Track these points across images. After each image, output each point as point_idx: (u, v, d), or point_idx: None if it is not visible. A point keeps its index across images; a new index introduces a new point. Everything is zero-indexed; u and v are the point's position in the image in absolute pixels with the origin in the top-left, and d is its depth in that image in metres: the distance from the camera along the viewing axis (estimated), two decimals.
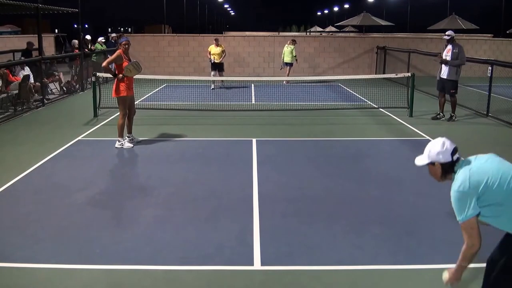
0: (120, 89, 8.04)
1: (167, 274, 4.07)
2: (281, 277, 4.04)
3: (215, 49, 15.86)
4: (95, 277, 4.02)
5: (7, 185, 6.22)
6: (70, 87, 14.94)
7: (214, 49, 15.87)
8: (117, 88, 8.06)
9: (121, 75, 7.97)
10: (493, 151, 3.25)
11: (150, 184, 6.46)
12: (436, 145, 3.02)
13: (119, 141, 8.20)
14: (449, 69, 10.35)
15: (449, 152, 2.98)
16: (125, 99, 8.15)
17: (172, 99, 13.10)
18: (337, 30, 47.80)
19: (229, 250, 4.47)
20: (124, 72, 7.95)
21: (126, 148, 8.15)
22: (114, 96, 8.18)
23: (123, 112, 8.16)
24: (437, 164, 3.02)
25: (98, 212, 5.40)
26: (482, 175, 2.87)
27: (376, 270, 4.12)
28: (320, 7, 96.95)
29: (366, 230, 4.90)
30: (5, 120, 10.52)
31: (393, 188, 6.25)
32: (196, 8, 58.32)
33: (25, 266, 4.16)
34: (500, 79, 11.45)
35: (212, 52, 15.85)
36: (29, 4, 12.79)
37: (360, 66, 20.85)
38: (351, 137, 9.20)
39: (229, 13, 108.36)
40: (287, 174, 6.79)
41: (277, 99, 12.99)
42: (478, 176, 2.87)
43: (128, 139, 8.33)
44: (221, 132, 9.56)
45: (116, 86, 8.07)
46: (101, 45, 18.19)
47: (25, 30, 32.85)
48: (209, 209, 5.46)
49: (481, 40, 23.04)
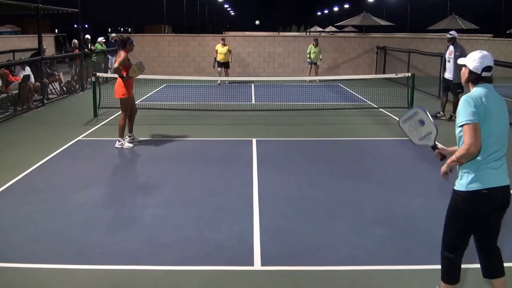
0: (124, 90, 8.07)
1: (167, 274, 4.07)
2: (281, 277, 4.04)
3: (221, 49, 16.98)
4: (95, 277, 4.02)
5: (7, 185, 6.22)
6: (70, 87, 14.94)
7: (221, 48, 16.98)
8: (121, 89, 8.07)
9: (126, 76, 8.00)
10: None
11: (150, 184, 6.46)
12: (476, 54, 3.27)
13: (119, 141, 8.20)
14: (454, 70, 10.31)
15: (481, 66, 3.21)
16: (129, 100, 8.19)
17: (172, 99, 13.09)
18: (337, 30, 47.80)
19: (229, 250, 4.46)
20: (129, 72, 7.98)
21: (126, 148, 8.15)
22: (118, 97, 8.17)
23: (125, 113, 8.18)
24: (467, 68, 3.27)
25: (98, 212, 5.40)
26: (490, 105, 3.11)
27: (376, 270, 4.12)
28: (320, 7, 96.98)
29: (366, 230, 4.90)
30: (5, 120, 10.52)
31: (393, 188, 6.25)
32: (196, 8, 58.32)
33: (25, 266, 4.16)
34: (501, 79, 11.44)
35: (219, 51, 16.90)
36: (29, 4, 12.79)
37: (360, 66, 20.85)
38: (351, 137, 9.20)
39: (229, 13, 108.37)
40: (287, 174, 6.79)
41: (277, 99, 12.99)
42: (487, 103, 3.11)
43: (128, 138, 8.33)
44: (221, 132, 9.56)
45: (120, 87, 8.08)
46: (101, 45, 18.20)
47: (25, 30, 32.81)
48: (209, 209, 5.46)
49: (481, 40, 23.05)
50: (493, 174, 3.14)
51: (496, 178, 3.15)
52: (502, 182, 3.17)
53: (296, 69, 20.15)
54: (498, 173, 3.16)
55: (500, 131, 3.16)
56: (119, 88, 8.08)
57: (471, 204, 3.16)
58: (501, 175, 3.18)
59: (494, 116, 3.12)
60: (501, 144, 3.17)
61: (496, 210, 3.22)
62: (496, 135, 3.13)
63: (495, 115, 3.13)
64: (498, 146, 3.15)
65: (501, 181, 3.17)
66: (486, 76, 3.24)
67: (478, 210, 3.18)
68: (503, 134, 3.19)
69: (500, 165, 3.17)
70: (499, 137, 3.15)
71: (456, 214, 3.25)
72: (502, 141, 3.17)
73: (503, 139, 3.18)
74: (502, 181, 3.17)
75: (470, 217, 3.21)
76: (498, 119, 3.15)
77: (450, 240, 3.32)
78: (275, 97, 13.44)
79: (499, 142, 3.16)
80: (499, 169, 3.17)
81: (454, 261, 3.32)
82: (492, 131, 3.11)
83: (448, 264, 3.35)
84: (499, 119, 3.16)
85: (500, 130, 3.16)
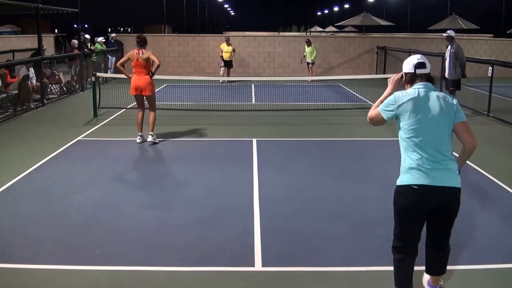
0: (154, 86, 8.45)
1: (168, 275, 4.06)
2: (282, 278, 4.03)
3: (226, 48, 17.83)
4: (95, 277, 4.01)
5: (7, 185, 6.21)
6: (70, 87, 14.93)
7: (226, 47, 17.82)
8: (152, 86, 8.40)
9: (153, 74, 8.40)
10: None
11: (150, 184, 6.45)
12: (408, 58, 3.43)
13: (152, 135, 8.45)
14: (449, 67, 10.45)
15: (413, 63, 3.33)
16: (155, 95, 8.63)
17: (172, 99, 13.08)
18: (337, 30, 47.80)
19: (229, 250, 4.46)
20: (154, 70, 8.33)
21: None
22: (151, 94, 8.38)
23: (155, 106, 8.57)
24: (403, 73, 3.41)
25: (98, 212, 5.39)
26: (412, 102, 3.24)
27: (378, 271, 4.11)
28: (320, 7, 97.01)
29: (367, 231, 4.89)
30: (5, 120, 10.51)
31: (393, 188, 6.20)
32: (196, 8, 58.31)
33: (25, 267, 4.15)
34: (501, 79, 11.45)
35: (224, 50, 17.77)
36: (29, 4, 12.77)
37: (360, 66, 20.83)
38: (352, 137, 9.19)
39: (229, 13, 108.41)
40: (287, 174, 6.78)
41: (277, 99, 12.98)
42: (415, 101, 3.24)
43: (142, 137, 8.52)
44: (221, 132, 9.55)
45: (151, 85, 8.37)
46: (101, 45, 18.18)
47: (24, 30, 32.82)
48: (209, 210, 5.45)
49: (481, 40, 23.03)
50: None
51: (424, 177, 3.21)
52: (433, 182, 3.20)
53: (296, 69, 20.13)
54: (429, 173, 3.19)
55: (430, 132, 3.19)
56: (151, 85, 8.36)
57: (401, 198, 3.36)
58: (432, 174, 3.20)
59: (417, 123, 3.20)
60: (433, 146, 3.19)
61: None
62: (427, 136, 3.19)
63: (425, 114, 3.19)
64: (428, 149, 3.19)
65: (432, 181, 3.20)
66: (422, 73, 3.30)
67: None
68: (436, 137, 3.20)
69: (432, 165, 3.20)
70: (431, 139, 3.19)
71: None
72: (432, 144, 3.19)
73: (434, 142, 3.19)
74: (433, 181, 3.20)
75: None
76: (429, 119, 3.20)
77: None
78: (275, 97, 13.43)
79: (431, 144, 3.19)
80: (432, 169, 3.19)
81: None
82: (415, 136, 3.21)
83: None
84: (429, 120, 3.20)
85: (431, 131, 3.19)
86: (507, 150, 8.09)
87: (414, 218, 3.32)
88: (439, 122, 3.21)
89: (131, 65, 8.35)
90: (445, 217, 3.34)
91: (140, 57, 8.20)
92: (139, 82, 8.28)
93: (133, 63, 8.27)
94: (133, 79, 8.35)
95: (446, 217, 3.34)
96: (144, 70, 8.25)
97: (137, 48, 8.28)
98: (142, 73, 8.26)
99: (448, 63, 10.49)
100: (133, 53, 8.30)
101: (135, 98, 8.56)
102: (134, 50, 8.32)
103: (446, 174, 3.20)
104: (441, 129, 3.21)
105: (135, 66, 8.27)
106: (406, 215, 3.33)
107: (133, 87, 8.35)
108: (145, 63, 8.22)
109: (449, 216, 3.34)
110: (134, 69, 8.31)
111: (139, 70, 8.26)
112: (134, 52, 8.31)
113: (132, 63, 8.31)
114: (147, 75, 8.26)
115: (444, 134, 3.22)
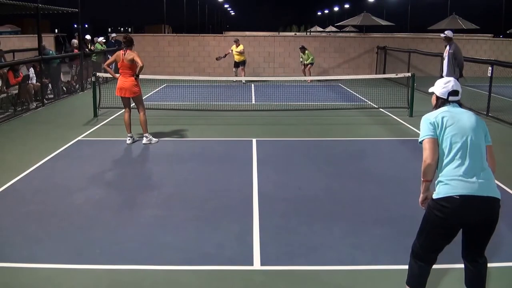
0: (139, 88, 8.37)
1: (167, 274, 4.07)
2: (281, 277, 4.04)
3: (236, 49, 17.94)
4: (95, 277, 4.02)
5: (7, 185, 6.22)
6: (70, 87, 14.94)
7: (235, 48, 17.93)
8: (137, 88, 8.31)
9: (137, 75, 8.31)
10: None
11: (150, 184, 6.47)
12: (442, 80, 3.42)
13: (146, 137, 8.42)
14: (447, 67, 10.47)
15: (447, 91, 3.34)
16: (141, 96, 8.56)
17: (172, 99, 13.10)
18: (337, 30, 47.79)
19: (229, 250, 4.47)
20: (137, 71, 8.25)
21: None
22: (135, 95, 8.33)
23: (144, 107, 8.52)
24: (435, 95, 3.42)
25: (98, 212, 5.40)
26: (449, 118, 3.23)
27: (376, 270, 4.12)
28: (320, 7, 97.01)
29: (366, 230, 4.90)
30: (5, 120, 10.52)
31: (393, 188, 6.24)
32: (196, 8, 58.33)
33: (25, 266, 4.16)
34: (501, 79, 11.45)
35: (234, 51, 17.92)
36: (29, 4, 12.78)
37: (360, 66, 20.84)
38: (351, 137, 9.20)
39: (229, 13, 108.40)
40: (287, 174, 6.79)
41: (277, 99, 12.99)
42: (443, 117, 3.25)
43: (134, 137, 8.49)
44: (221, 132, 9.56)
45: (135, 86, 8.28)
46: (101, 45, 18.19)
47: (25, 30, 32.83)
48: (209, 209, 5.46)
49: (481, 40, 23.04)
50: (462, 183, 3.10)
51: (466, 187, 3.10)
52: (476, 192, 3.09)
53: (296, 69, 20.13)
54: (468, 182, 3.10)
55: (470, 141, 3.16)
56: (135, 87, 8.28)
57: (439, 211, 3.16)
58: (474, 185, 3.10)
59: (455, 131, 3.18)
60: (472, 156, 3.14)
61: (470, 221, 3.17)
62: (462, 148, 3.15)
63: (457, 129, 3.18)
64: (467, 159, 3.14)
65: (476, 190, 3.10)
66: (453, 101, 3.33)
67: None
68: (471, 147, 3.16)
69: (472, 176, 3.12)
70: (471, 148, 3.15)
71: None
72: (471, 154, 3.14)
73: (472, 151, 3.15)
74: (476, 190, 3.10)
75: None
76: (467, 128, 3.18)
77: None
78: (275, 97, 13.44)
79: (471, 153, 3.15)
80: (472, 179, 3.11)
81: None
82: (454, 145, 3.16)
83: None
84: (468, 129, 3.18)
85: (470, 140, 3.16)
86: (506, 150, 8.10)
87: (448, 231, 3.22)
88: (477, 133, 3.19)
89: (118, 66, 8.36)
90: (484, 230, 3.23)
91: (125, 58, 8.17)
92: (124, 84, 8.27)
93: (119, 64, 8.25)
94: (119, 80, 8.36)
95: (485, 230, 3.23)
96: (129, 71, 8.20)
97: (123, 49, 8.28)
98: (127, 74, 8.22)
99: (446, 63, 10.50)
100: (119, 54, 8.30)
101: (121, 99, 8.54)
102: (121, 51, 8.33)
103: (487, 184, 3.13)
104: (478, 139, 3.19)
105: (120, 67, 8.25)
106: (441, 229, 3.22)
107: (118, 88, 8.36)
108: (130, 64, 8.17)
109: (488, 229, 3.23)
110: (120, 70, 8.29)
111: (124, 71, 8.24)
112: (119, 53, 8.31)
113: (118, 64, 8.31)
114: (132, 77, 8.21)
115: (482, 144, 3.20)
